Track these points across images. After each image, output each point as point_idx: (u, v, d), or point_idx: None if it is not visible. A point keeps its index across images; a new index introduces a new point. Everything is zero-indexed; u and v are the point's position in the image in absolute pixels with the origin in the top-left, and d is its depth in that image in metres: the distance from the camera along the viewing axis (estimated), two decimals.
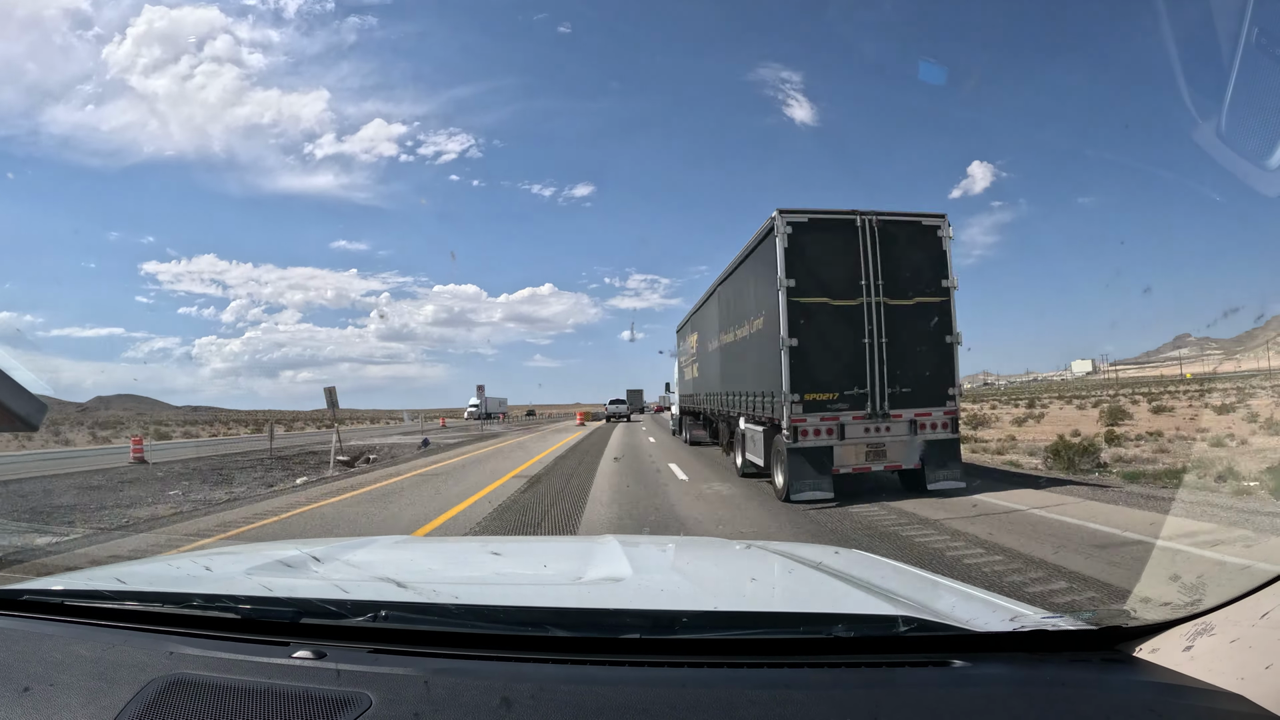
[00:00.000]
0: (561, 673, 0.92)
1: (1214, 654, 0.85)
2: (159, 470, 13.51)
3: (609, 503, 7.92)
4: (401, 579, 1.29)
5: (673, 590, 1.46)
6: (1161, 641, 0.93)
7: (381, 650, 0.99)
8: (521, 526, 6.55)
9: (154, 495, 9.65)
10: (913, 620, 0.99)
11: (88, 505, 8.68)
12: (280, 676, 0.91)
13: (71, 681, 0.93)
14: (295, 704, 0.85)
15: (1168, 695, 0.82)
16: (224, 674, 0.93)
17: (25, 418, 0.90)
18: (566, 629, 1.02)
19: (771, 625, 1.06)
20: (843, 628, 0.98)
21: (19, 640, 1.09)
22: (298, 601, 1.13)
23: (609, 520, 6.71)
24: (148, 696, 0.87)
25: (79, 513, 8.03)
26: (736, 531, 5.95)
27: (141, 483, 11.29)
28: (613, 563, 1.53)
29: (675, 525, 6.42)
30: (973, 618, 1.04)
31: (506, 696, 0.84)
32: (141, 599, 1.21)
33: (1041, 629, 0.97)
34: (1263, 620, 0.86)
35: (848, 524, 6.18)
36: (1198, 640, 0.89)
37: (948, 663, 0.92)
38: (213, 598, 1.17)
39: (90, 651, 1.03)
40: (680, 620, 1.03)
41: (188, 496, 9.50)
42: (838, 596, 1.29)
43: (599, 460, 13.64)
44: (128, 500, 9.13)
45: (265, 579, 1.33)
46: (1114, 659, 0.93)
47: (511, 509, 7.59)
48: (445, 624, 1.05)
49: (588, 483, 9.84)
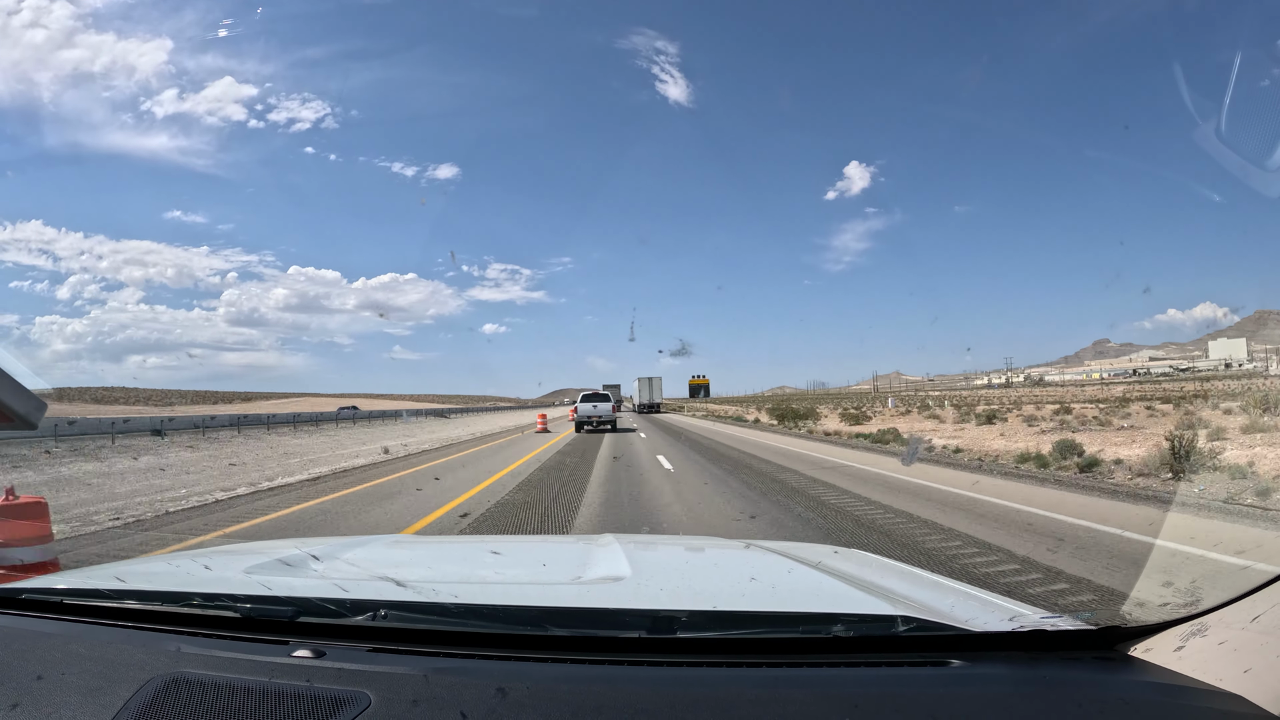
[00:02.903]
0: (561, 672, 0.92)
1: (1205, 655, 0.86)
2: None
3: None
4: (400, 578, 1.29)
5: (672, 589, 1.46)
6: (1157, 642, 0.93)
7: (381, 649, 0.99)
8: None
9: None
10: (912, 620, 1.00)
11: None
12: (279, 675, 0.91)
13: (71, 680, 0.93)
14: (295, 703, 0.85)
15: (1162, 695, 0.82)
16: (223, 673, 0.93)
17: (24, 415, 0.90)
18: (566, 628, 1.02)
19: (771, 625, 1.06)
20: (842, 627, 0.99)
21: (19, 639, 1.09)
22: (297, 600, 1.13)
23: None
24: (147, 695, 0.87)
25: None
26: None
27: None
28: (612, 562, 1.54)
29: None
30: (972, 617, 1.04)
31: (506, 695, 0.84)
32: (141, 598, 1.21)
33: (1040, 629, 0.97)
34: (1253, 624, 0.86)
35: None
36: (1190, 641, 0.90)
37: (946, 662, 0.93)
38: (212, 596, 1.17)
39: (90, 650, 1.03)
40: (680, 620, 1.03)
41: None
42: (837, 596, 1.29)
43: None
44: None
45: (264, 578, 1.33)
46: (1111, 659, 0.93)
47: None
48: (444, 623, 1.05)
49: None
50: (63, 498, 8.67)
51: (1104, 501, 6.92)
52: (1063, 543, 5.06)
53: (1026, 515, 6.26)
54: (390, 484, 10.00)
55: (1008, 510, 6.56)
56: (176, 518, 7.17)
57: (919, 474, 9.66)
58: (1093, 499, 7.11)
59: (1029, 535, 5.41)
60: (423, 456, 15.08)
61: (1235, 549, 4.66)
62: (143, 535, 6.19)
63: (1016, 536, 5.36)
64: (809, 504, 7.25)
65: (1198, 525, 5.61)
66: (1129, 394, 44.18)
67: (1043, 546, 4.96)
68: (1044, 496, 7.39)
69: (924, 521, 6.10)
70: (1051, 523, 5.87)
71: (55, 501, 7.32)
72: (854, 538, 5.47)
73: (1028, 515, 6.26)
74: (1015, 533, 5.51)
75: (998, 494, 7.60)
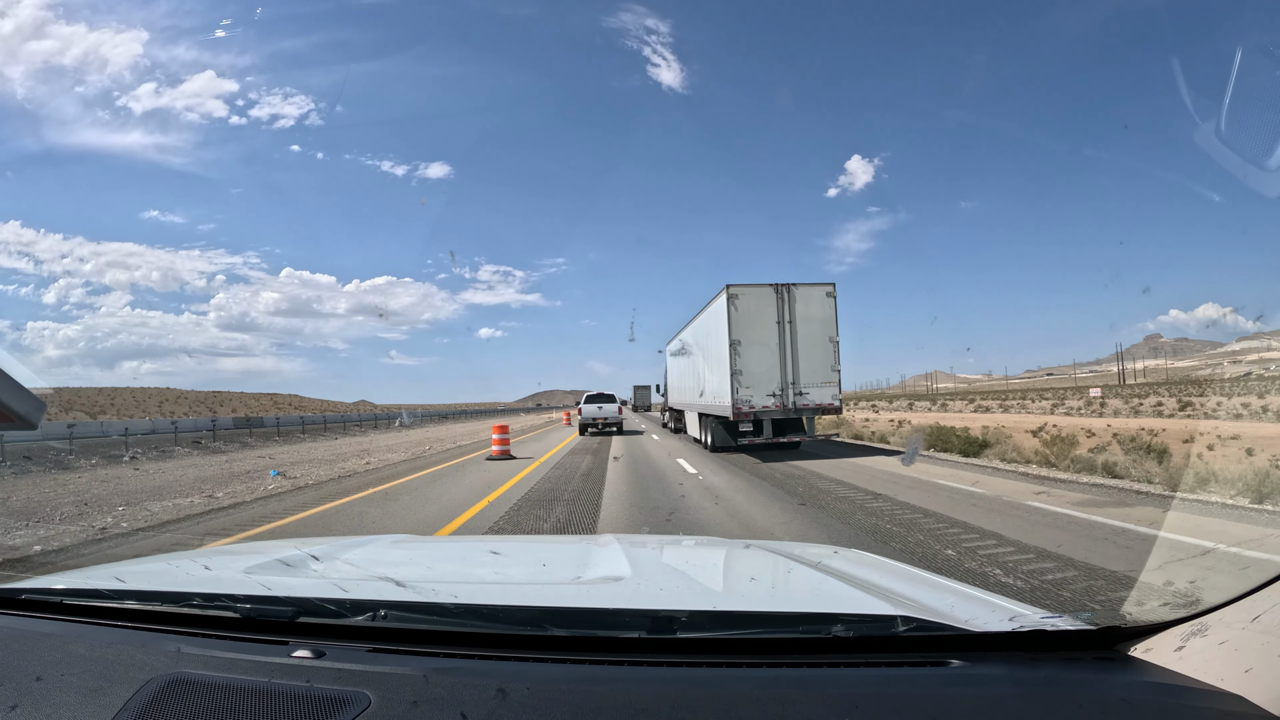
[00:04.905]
0: (561, 672, 0.92)
1: (1205, 655, 0.86)
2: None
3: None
4: (400, 578, 1.29)
5: (672, 590, 1.46)
6: (1157, 642, 0.93)
7: (380, 649, 0.99)
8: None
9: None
10: (911, 620, 1.00)
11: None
12: (279, 675, 0.91)
13: (71, 680, 0.93)
14: (294, 703, 0.85)
15: (1163, 695, 0.82)
16: (223, 673, 0.93)
17: (25, 416, 0.90)
18: (566, 628, 1.02)
19: (771, 625, 1.06)
20: (842, 627, 0.99)
21: (18, 639, 1.09)
22: (297, 601, 1.13)
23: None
24: (147, 695, 0.87)
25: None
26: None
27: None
28: (612, 562, 1.54)
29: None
30: (972, 617, 1.04)
31: (506, 695, 0.84)
32: (141, 598, 1.21)
33: (1040, 629, 0.97)
34: (1254, 624, 0.86)
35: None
36: (1191, 641, 0.90)
37: (946, 662, 0.92)
38: (212, 597, 1.17)
39: (90, 650, 1.03)
40: (679, 620, 1.03)
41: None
42: (837, 596, 1.29)
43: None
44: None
45: (264, 578, 1.33)
46: (1111, 659, 0.93)
47: None
48: (444, 623, 1.05)
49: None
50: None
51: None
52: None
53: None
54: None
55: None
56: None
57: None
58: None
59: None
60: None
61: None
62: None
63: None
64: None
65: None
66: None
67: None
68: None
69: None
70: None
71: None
72: None
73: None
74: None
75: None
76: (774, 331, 12.13)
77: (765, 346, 12.07)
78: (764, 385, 12.02)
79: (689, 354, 16.71)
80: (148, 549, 5.51)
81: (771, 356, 12.07)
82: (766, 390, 12.02)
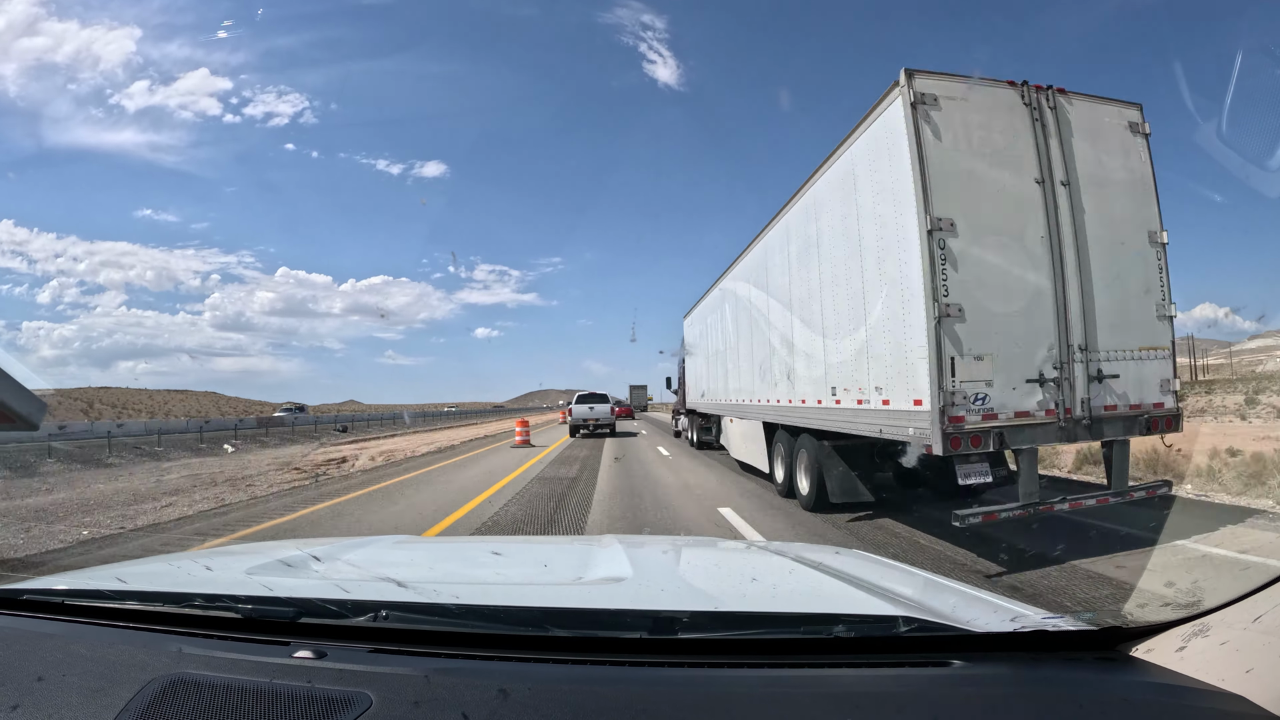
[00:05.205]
0: (562, 673, 0.92)
1: (1206, 655, 0.86)
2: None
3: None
4: (402, 578, 1.29)
5: (673, 590, 1.46)
6: (1158, 642, 0.93)
7: (382, 650, 0.99)
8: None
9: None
10: (913, 620, 1.00)
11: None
12: (281, 676, 0.91)
13: (72, 681, 0.93)
14: (296, 703, 0.85)
15: (1164, 695, 0.82)
16: (225, 673, 0.93)
17: (26, 416, 0.90)
18: (567, 629, 1.02)
19: (772, 625, 1.06)
20: (843, 628, 0.98)
21: (19, 640, 1.09)
22: (298, 601, 1.13)
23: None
24: (148, 696, 0.87)
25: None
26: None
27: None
28: (613, 563, 1.54)
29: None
30: (973, 618, 1.04)
31: (507, 696, 0.84)
32: (143, 598, 1.21)
33: (1041, 629, 0.97)
34: (1255, 624, 0.86)
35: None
36: (1192, 641, 0.89)
37: (948, 663, 0.92)
38: (214, 597, 1.17)
39: (91, 651, 1.03)
40: (681, 620, 1.03)
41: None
42: (838, 596, 1.29)
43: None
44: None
45: (266, 579, 1.33)
46: (1113, 659, 0.93)
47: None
48: (446, 624, 1.05)
49: None
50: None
51: None
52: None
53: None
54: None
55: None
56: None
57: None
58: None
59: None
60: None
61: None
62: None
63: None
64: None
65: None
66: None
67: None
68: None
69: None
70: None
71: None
72: None
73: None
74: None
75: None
76: (1034, 206, 4.42)
77: (1016, 244, 4.37)
78: (1019, 352, 4.31)
79: (749, 307, 8.63)
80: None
81: (1036, 272, 4.38)
82: (1027, 365, 4.33)
